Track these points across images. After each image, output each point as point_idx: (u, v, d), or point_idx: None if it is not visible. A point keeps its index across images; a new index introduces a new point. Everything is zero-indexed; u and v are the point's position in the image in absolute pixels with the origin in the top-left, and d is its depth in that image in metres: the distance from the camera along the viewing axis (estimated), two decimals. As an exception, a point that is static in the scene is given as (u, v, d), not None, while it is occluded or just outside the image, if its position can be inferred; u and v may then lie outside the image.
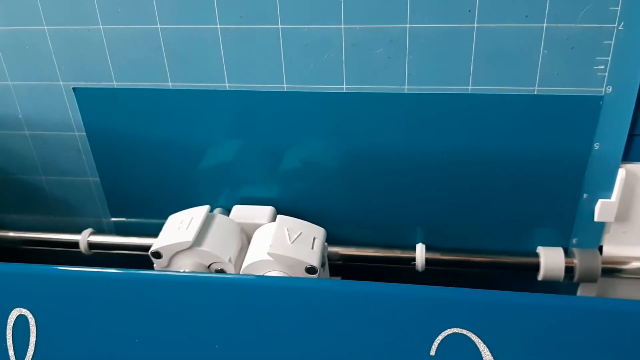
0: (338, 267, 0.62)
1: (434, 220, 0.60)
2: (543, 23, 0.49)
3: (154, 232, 0.56)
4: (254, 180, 0.61)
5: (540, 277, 0.58)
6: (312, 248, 0.53)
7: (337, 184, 0.59)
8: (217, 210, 0.61)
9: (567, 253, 0.58)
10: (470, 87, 0.53)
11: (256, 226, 0.57)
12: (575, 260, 0.57)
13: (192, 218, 0.55)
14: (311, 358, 0.44)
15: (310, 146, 0.58)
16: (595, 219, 0.56)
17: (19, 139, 0.63)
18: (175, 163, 0.61)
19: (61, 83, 0.58)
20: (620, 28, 0.48)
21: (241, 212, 0.60)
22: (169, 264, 0.55)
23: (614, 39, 0.49)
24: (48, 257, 0.69)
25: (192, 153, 0.60)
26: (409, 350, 0.43)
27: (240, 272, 0.53)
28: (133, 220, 0.65)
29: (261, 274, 0.52)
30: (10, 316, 0.47)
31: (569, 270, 0.57)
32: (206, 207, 0.56)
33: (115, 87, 0.57)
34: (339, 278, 0.63)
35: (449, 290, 0.45)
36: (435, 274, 0.60)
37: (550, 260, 0.57)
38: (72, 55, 0.57)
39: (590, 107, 0.52)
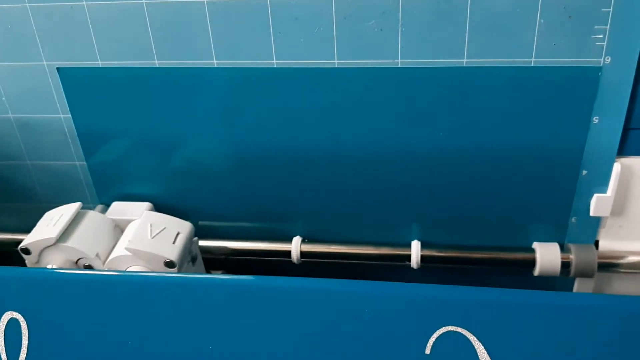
0: (335, 265, 0.62)
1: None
2: (539, -10, 0.48)
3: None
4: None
5: (536, 273, 0.58)
6: (174, 243, 0.54)
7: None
8: (98, 207, 0.63)
9: (563, 248, 0.58)
10: (465, 60, 0.51)
11: (129, 222, 0.58)
12: (571, 256, 0.57)
13: (61, 214, 0.56)
14: (306, 358, 0.44)
15: (300, 128, 0.56)
16: (591, 214, 0.56)
17: (2, 122, 0.61)
18: (162, 144, 0.59)
19: (45, 63, 0.57)
20: (619, -6, 0.47)
21: (118, 208, 0.61)
22: (38, 260, 0.55)
23: (612, 6, 0.48)
24: None
25: (178, 134, 0.58)
26: (403, 349, 0.43)
27: (104, 267, 0.54)
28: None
29: (123, 269, 0.53)
30: (1, 320, 0.47)
31: (565, 265, 0.57)
32: (78, 204, 0.57)
33: (100, 66, 0.56)
34: (220, 272, 0.63)
35: (443, 288, 0.45)
36: (431, 270, 0.59)
37: (546, 255, 0.57)
38: (55, 33, 0.55)
39: (588, 78, 0.51)
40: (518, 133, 0.54)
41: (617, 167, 0.53)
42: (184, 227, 0.56)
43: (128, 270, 0.54)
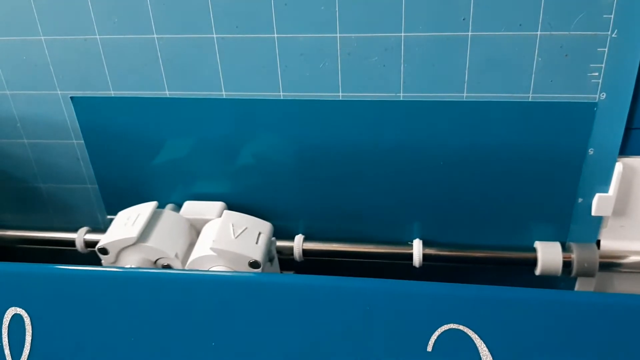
0: (334, 263, 0.62)
1: (431, 216, 0.60)
2: (537, 31, 0.49)
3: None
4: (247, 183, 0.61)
5: (537, 272, 0.58)
6: (257, 243, 0.53)
7: (330, 177, 0.59)
8: (168, 207, 0.62)
9: (565, 248, 0.58)
10: (465, 94, 0.53)
11: (205, 221, 0.58)
12: (573, 255, 0.57)
13: (138, 214, 0.55)
14: (307, 355, 0.44)
15: (306, 152, 0.58)
16: (593, 213, 0.56)
17: (17, 147, 0.63)
18: (170, 170, 0.61)
19: (59, 92, 0.59)
20: (614, 36, 0.49)
21: (191, 208, 0.60)
22: (116, 260, 0.55)
23: (607, 46, 0.49)
24: (44, 256, 0.69)
25: (187, 159, 0.60)
26: (405, 347, 0.43)
27: (186, 268, 0.54)
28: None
29: (205, 269, 0.53)
30: (5, 315, 0.47)
31: (567, 264, 0.57)
32: (153, 203, 0.57)
33: (113, 95, 0.58)
34: (291, 272, 0.63)
35: (445, 286, 0.45)
36: (432, 269, 0.60)
37: (548, 255, 0.57)
38: (69, 64, 0.57)
39: (584, 113, 0.52)
40: (517, 159, 0.56)
41: (619, 166, 0.53)
42: (265, 226, 0.56)
43: (211, 270, 0.53)
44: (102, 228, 0.66)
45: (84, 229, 0.64)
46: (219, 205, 0.60)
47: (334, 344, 0.44)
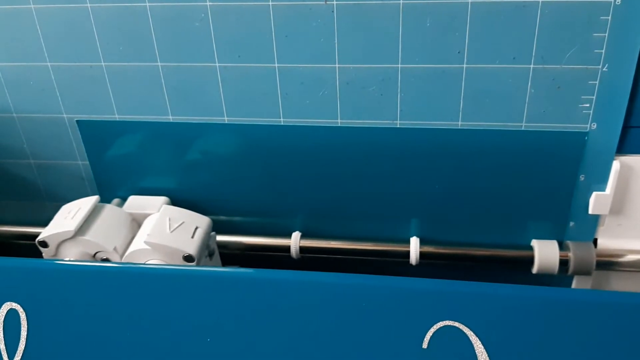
0: (333, 260, 0.63)
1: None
2: (530, 64, 0.51)
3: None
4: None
5: (534, 270, 0.58)
6: (192, 237, 0.54)
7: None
8: (114, 201, 0.62)
9: (562, 246, 0.58)
10: (460, 123, 0.55)
11: (147, 216, 0.58)
12: (570, 253, 0.57)
13: (79, 208, 0.56)
14: (303, 351, 0.44)
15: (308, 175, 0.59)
16: (590, 212, 0.56)
17: (23, 167, 0.65)
18: (173, 191, 0.63)
19: (65, 116, 0.60)
20: (604, 69, 0.50)
21: (135, 202, 0.61)
22: (56, 253, 0.55)
23: (598, 79, 0.51)
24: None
25: (189, 184, 0.62)
26: (400, 344, 0.43)
27: (122, 261, 0.54)
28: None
29: (141, 262, 0.53)
30: (0, 310, 0.48)
31: (564, 263, 0.57)
32: (95, 197, 0.57)
33: (117, 119, 0.59)
34: (237, 267, 0.62)
35: (440, 282, 0.45)
36: (429, 267, 0.60)
37: (545, 253, 0.57)
38: (75, 90, 0.58)
39: (575, 142, 0.54)
40: (508, 188, 0.57)
41: (616, 165, 0.54)
42: (202, 221, 0.56)
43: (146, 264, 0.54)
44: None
45: None
46: (161, 199, 0.61)
47: (329, 341, 0.44)
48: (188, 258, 0.53)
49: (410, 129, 0.55)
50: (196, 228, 0.55)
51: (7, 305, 0.47)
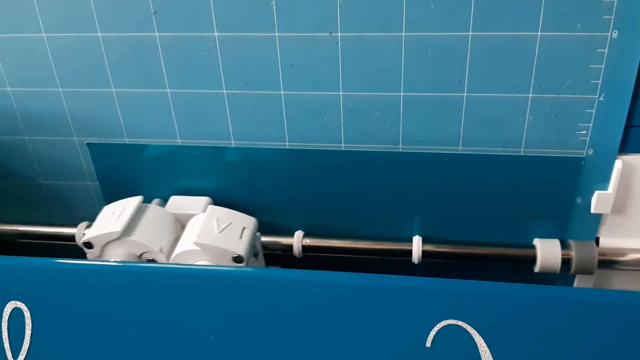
0: (335, 259, 0.63)
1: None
2: (529, 94, 0.52)
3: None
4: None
5: (536, 269, 0.58)
6: (241, 238, 0.53)
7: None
8: (154, 201, 0.62)
9: (564, 245, 0.58)
10: (460, 148, 0.56)
11: (190, 216, 0.58)
12: (572, 252, 0.57)
13: (124, 208, 0.55)
14: (307, 350, 0.45)
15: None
16: (592, 211, 0.56)
17: (34, 188, 0.66)
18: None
19: (75, 139, 0.62)
20: (601, 99, 0.52)
21: (177, 203, 0.60)
22: (100, 254, 0.55)
23: (595, 108, 0.52)
24: (43, 250, 0.68)
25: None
26: (404, 342, 0.44)
27: (170, 262, 0.54)
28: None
29: (190, 263, 0.53)
30: (5, 309, 0.48)
31: (566, 262, 0.57)
32: (139, 198, 0.57)
33: (127, 142, 0.61)
34: (278, 267, 0.63)
35: (444, 281, 0.45)
36: (431, 266, 0.60)
37: (547, 252, 0.57)
38: (85, 114, 0.60)
39: (572, 167, 0.55)
40: (507, 209, 0.59)
41: (618, 164, 0.54)
42: (249, 221, 0.56)
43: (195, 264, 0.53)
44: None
45: (84, 224, 0.64)
46: (204, 200, 0.61)
47: (332, 339, 0.44)
48: (237, 259, 0.52)
49: (412, 153, 0.57)
50: (243, 228, 0.55)
51: (12, 304, 0.48)
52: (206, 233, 0.53)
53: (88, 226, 0.62)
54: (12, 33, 0.57)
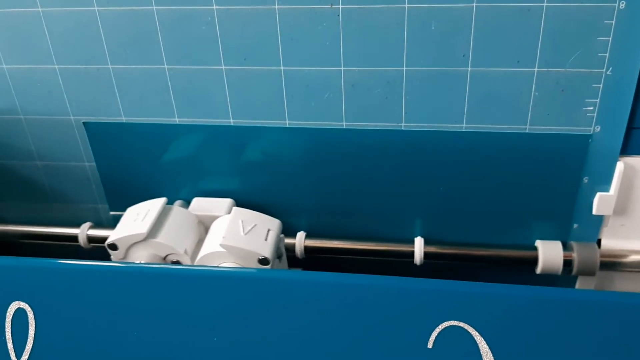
0: (336, 260, 0.63)
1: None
2: (534, 68, 0.51)
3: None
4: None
5: (538, 271, 0.58)
6: (266, 240, 0.54)
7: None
8: (176, 203, 0.62)
9: (566, 246, 0.58)
10: (464, 125, 0.55)
11: (214, 218, 0.58)
12: (574, 254, 0.57)
13: (148, 210, 0.55)
14: (308, 351, 0.45)
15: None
16: (594, 212, 0.56)
17: (31, 168, 0.65)
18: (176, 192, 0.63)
19: (72, 117, 0.61)
20: (608, 73, 0.50)
21: (200, 204, 0.61)
22: (125, 256, 0.55)
23: (602, 83, 0.51)
24: (46, 251, 0.69)
25: (193, 182, 0.62)
26: (406, 343, 0.44)
27: (195, 264, 0.54)
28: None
29: (215, 265, 0.53)
30: (9, 309, 0.48)
31: (567, 263, 0.57)
32: (163, 199, 0.57)
33: (124, 121, 0.60)
34: (300, 269, 0.63)
35: (446, 282, 0.45)
36: (433, 267, 0.60)
37: (549, 253, 0.57)
38: (82, 92, 0.59)
39: (579, 144, 0.54)
40: (512, 188, 0.58)
41: (620, 166, 0.54)
42: (273, 223, 0.56)
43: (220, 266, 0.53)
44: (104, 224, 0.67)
45: (86, 224, 0.65)
46: (227, 202, 0.61)
47: (334, 340, 0.45)
48: (263, 261, 0.52)
49: (415, 131, 0.56)
50: (268, 230, 0.55)
51: (15, 305, 0.48)
52: (232, 235, 0.53)
53: (91, 227, 0.64)
54: (7, 8, 0.56)
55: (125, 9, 0.54)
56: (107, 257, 0.55)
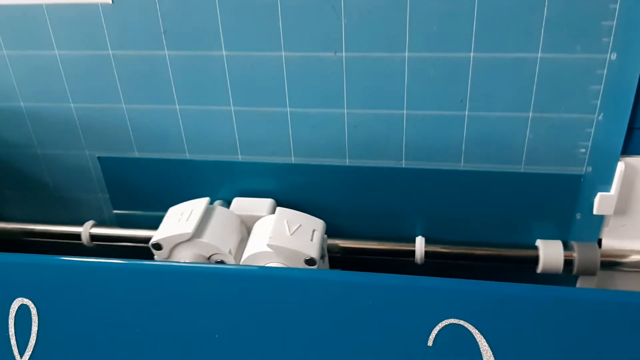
0: (337, 259, 0.63)
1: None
2: (529, 112, 0.54)
3: (155, 226, 0.57)
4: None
5: (539, 270, 0.58)
6: (312, 240, 0.53)
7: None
8: (217, 203, 0.62)
9: (566, 246, 0.58)
10: (462, 164, 0.57)
11: (256, 218, 0.58)
12: (574, 254, 0.57)
13: (192, 210, 0.55)
14: (309, 348, 0.45)
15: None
16: (595, 212, 0.57)
17: (45, 199, 0.68)
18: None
19: (86, 152, 0.63)
20: (599, 118, 0.53)
21: (241, 204, 0.61)
22: (169, 256, 0.55)
23: (594, 127, 0.53)
24: (50, 249, 0.69)
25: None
26: (406, 341, 0.44)
27: (241, 264, 0.54)
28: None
29: (261, 265, 0.53)
30: (12, 306, 0.48)
31: (568, 263, 0.57)
32: (206, 199, 0.57)
33: (137, 157, 0.62)
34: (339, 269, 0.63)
35: (446, 281, 0.45)
36: (434, 266, 0.60)
37: (549, 253, 0.57)
38: (96, 128, 0.61)
39: (571, 183, 0.56)
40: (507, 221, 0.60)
41: (621, 165, 0.54)
42: (318, 224, 0.56)
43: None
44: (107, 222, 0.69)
45: (89, 223, 0.65)
46: (268, 202, 0.61)
47: (335, 338, 0.45)
48: (310, 261, 0.52)
49: (415, 169, 0.58)
50: (313, 230, 0.55)
51: (18, 301, 0.48)
52: (278, 235, 0.52)
53: (94, 225, 0.65)
54: (26, 50, 0.58)
55: (139, 53, 0.56)
56: (110, 256, 0.51)
